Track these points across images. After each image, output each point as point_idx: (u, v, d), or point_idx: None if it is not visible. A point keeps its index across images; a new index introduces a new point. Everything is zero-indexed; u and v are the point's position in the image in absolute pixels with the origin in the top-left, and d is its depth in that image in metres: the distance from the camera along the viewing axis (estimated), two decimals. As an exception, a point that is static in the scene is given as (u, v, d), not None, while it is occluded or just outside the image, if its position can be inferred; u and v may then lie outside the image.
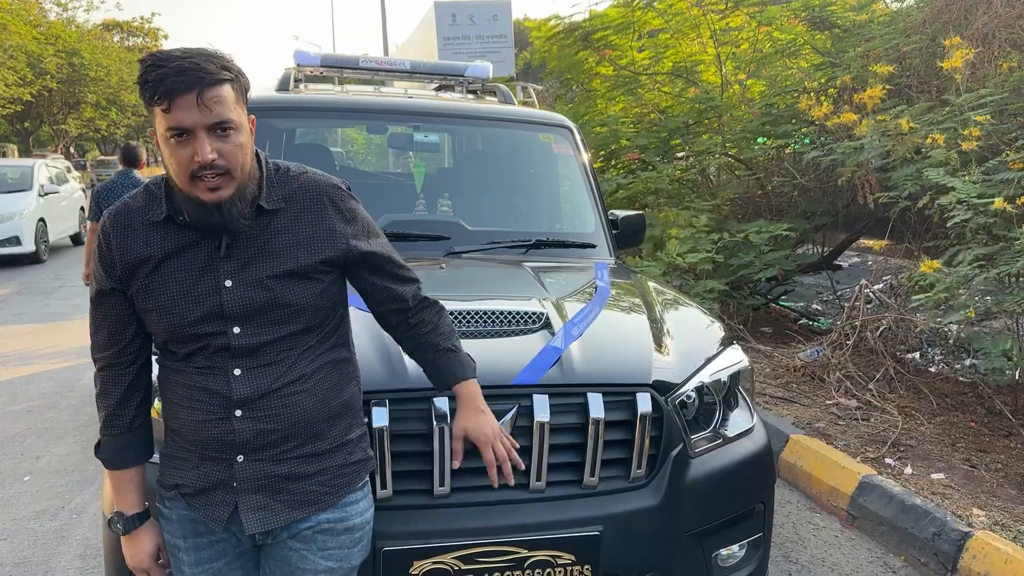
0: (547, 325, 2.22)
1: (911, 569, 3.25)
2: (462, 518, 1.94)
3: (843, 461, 3.82)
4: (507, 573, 1.94)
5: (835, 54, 6.53)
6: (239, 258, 1.51)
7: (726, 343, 2.48)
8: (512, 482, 1.76)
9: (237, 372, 1.53)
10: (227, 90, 1.41)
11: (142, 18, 55.13)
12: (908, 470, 3.83)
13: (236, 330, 1.52)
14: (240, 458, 1.55)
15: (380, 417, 1.91)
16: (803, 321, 7.25)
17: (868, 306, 5.61)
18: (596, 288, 2.68)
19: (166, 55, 1.39)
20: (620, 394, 2.07)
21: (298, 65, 4.03)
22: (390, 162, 4.43)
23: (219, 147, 1.41)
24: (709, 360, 2.32)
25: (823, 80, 6.52)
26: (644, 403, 2.06)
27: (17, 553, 3.28)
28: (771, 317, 7.42)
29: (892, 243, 6.35)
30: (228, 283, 1.50)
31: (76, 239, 14.55)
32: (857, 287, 5.56)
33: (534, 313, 2.27)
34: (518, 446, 1.80)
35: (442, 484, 1.94)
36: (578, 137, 3.61)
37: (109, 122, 44.42)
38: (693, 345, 2.36)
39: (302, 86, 3.93)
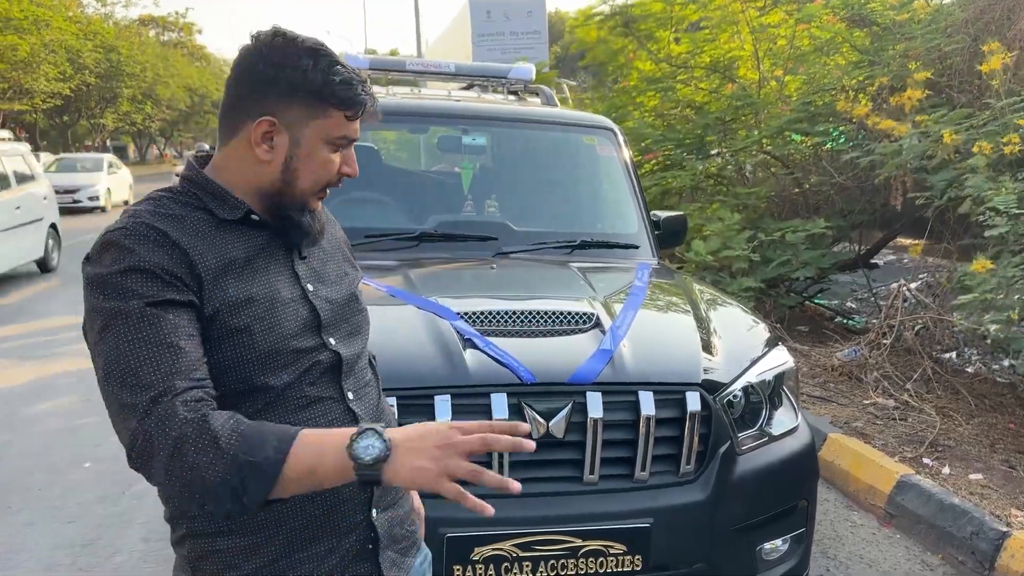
0: (597, 325, 2.32)
1: (948, 567, 3.30)
2: (520, 508, 2.04)
3: (881, 460, 3.87)
4: (561, 561, 2.04)
5: (874, 52, 6.52)
6: (311, 261, 1.37)
7: (771, 344, 2.56)
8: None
9: (351, 395, 1.33)
10: None
11: (177, 13, 55.93)
12: (946, 470, 3.87)
13: (332, 341, 1.31)
14: (375, 512, 1.33)
15: (443, 410, 2.01)
16: (838, 320, 7.25)
17: (905, 305, 5.62)
18: (641, 289, 2.76)
19: (336, 55, 1.27)
20: (670, 393, 2.16)
21: (347, 68, 4.15)
22: (433, 162, 4.54)
23: None
24: (755, 361, 2.40)
25: (862, 78, 6.51)
26: (693, 402, 2.14)
27: (84, 535, 3.45)
28: (807, 316, 7.43)
29: (930, 242, 6.35)
30: (310, 287, 1.33)
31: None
32: (895, 286, 5.58)
33: (585, 313, 2.36)
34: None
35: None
36: (620, 138, 3.69)
37: (144, 116, 45.21)
38: (740, 346, 2.44)
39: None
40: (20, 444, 4.52)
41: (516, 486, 1.15)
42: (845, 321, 7.16)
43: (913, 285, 6.07)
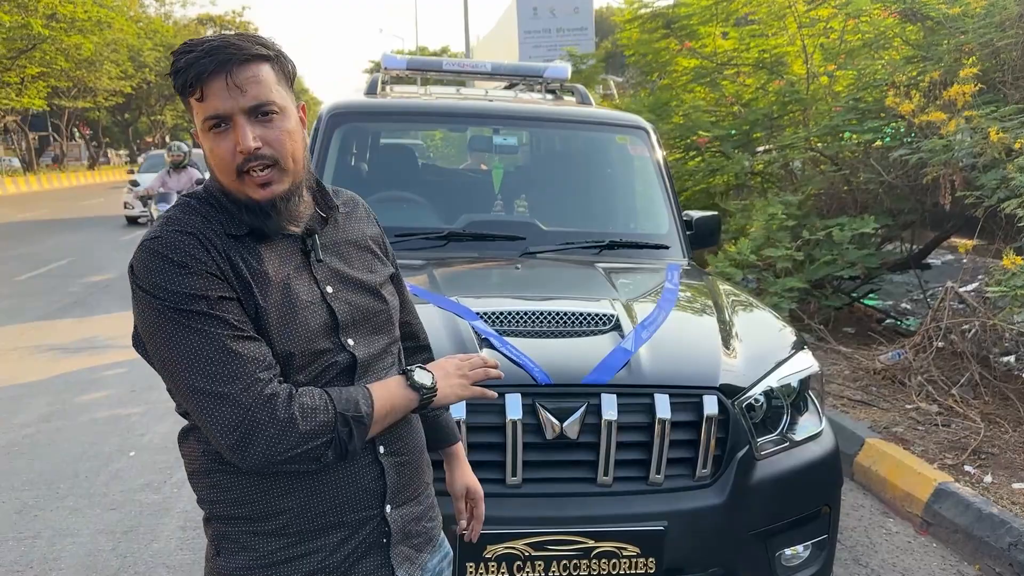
0: (617, 326, 2.31)
1: (986, 578, 3.21)
2: (533, 507, 2.06)
3: (919, 467, 3.78)
4: (574, 561, 2.05)
5: (926, 47, 6.34)
6: (329, 260, 1.36)
7: (796, 347, 2.52)
8: (475, 539, 1.74)
9: None
10: (265, 70, 1.24)
11: (233, 12, 57.09)
12: (988, 478, 3.76)
13: (351, 342, 1.34)
14: (389, 507, 1.38)
15: (458, 409, 2.03)
16: (889, 321, 7.07)
17: (958, 307, 5.46)
18: (667, 290, 2.75)
19: (196, 40, 1.23)
20: (687, 396, 2.15)
21: (385, 68, 4.21)
22: (467, 160, 4.58)
23: (262, 134, 1.23)
24: (778, 364, 2.37)
25: (914, 74, 6.34)
26: (711, 405, 2.13)
27: (125, 522, 3.57)
28: (855, 317, 7.26)
29: (983, 243, 6.15)
30: (329, 289, 1.34)
31: None
32: (944, 288, 5.43)
33: (605, 315, 2.36)
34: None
35: (514, 475, 2.06)
36: (654, 138, 3.67)
37: (202, 113, 46.33)
38: (762, 349, 2.41)
39: (389, 88, 4.11)
40: (69, 432, 4.70)
41: (498, 374, 1.49)
42: (897, 323, 6.99)
43: (972, 287, 5.90)
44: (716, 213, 3.75)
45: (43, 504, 3.76)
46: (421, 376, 1.35)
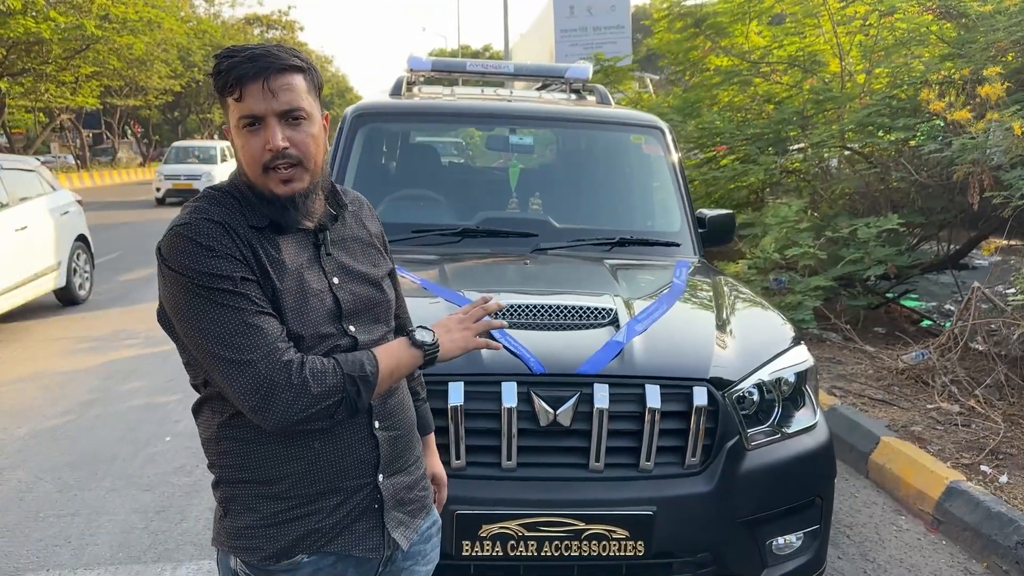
0: (615, 321, 2.40)
1: (992, 576, 3.23)
2: (526, 490, 2.16)
3: (932, 465, 3.79)
4: (565, 542, 2.15)
5: (960, 44, 6.28)
6: (337, 254, 1.51)
7: (793, 343, 2.58)
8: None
9: None
10: (298, 79, 1.39)
11: (279, 11, 58.00)
12: (1004, 478, 3.76)
13: (352, 328, 1.48)
14: (381, 476, 1.51)
15: (456, 396, 2.15)
16: (927, 323, 6.98)
17: (985, 307, 5.41)
18: (671, 285, 2.83)
19: (239, 47, 1.39)
20: (677, 387, 2.23)
21: (411, 70, 4.34)
22: (488, 159, 4.70)
23: (291, 136, 1.37)
24: (771, 359, 2.43)
25: (951, 72, 6.28)
26: (700, 397, 2.21)
27: (158, 502, 3.76)
28: (890, 317, 7.19)
29: (1020, 243, 6.07)
30: (336, 280, 1.48)
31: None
32: (971, 289, 5.38)
33: (604, 309, 2.45)
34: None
35: (509, 459, 2.17)
36: (669, 138, 3.74)
37: (249, 111, 47.19)
38: (755, 344, 2.48)
39: (416, 88, 4.24)
40: (109, 418, 4.93)
41: (501, 323, 1.65)
42: (932, 324, 6.90)
43: (999, 288, 5.83)
44: (731, 212, 3.80)
45: (83, 484, 3.98)
46: (422, 335, 1.48)
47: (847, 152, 7.59)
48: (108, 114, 39.26)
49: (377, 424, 1.50)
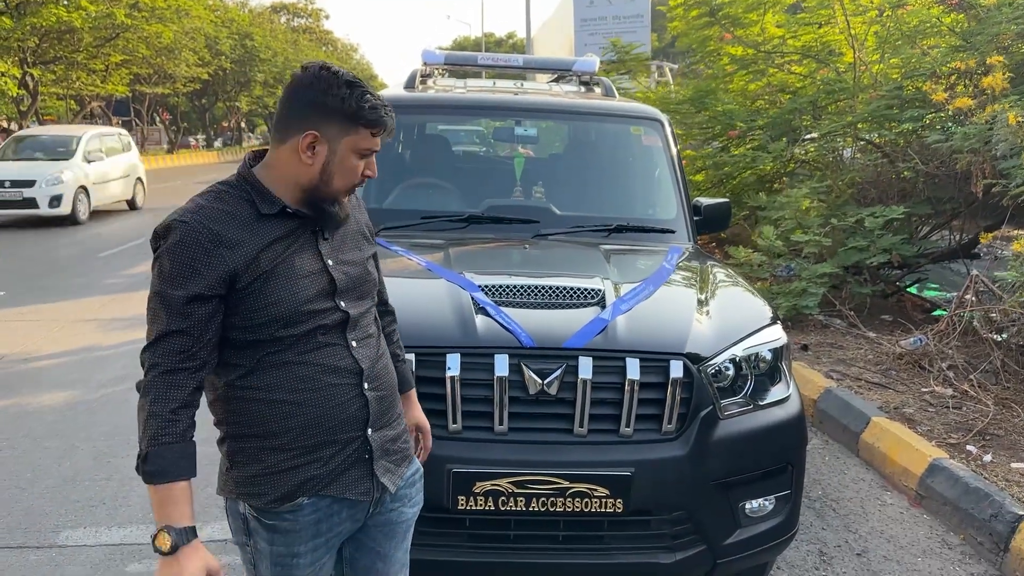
0: (602, 300, 2.61)
1: (967, 547, 3.41)
2: (516, 452, 2.38)
3: (917, 444, 3.96)
4: (551, 499, 2.37)
5: (968, 36, 6.36)
6: (332, 241, 1.74)
7: (770, 322, 2.77)
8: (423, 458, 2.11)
9: (355, 344, 1.72)
10: None
11: (306, 0, 58.42)
12: (988, 457, 3.92)
13: (342, 303, 1.70)
14: (370, 431, 1.73)
15: (453, 366, 2.37)
16: (939, 312, 7.08)
17: (983, 292, 5.53)
18: (662, 269, 3.03)
19: (367, 86, 1.64)
20: (656, 361, 2.44)
21: (425, 63, 4.55)
22: (495, 149, 4.91)
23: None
24: (746, 336, 2.63)
25: (959, 65, 6.36)
26: (676, 369, 2.41)
27: (186, 469, 4.03)
28: (900, 305, 7.30)
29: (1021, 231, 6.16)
30: (330, 262, 1.70)
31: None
32: (968, 277, 5.51)
33: (592, 289, 2.66)
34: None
35: (501, 424, 2.39)
36: (668, 129, 3.92)
37: (275, 99, 47.68)
38: (732, 323, 2.68)
39: (430, 81, 4.45)
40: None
41: None
42: (942, 313, 7.00)
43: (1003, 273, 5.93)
44: (726, 200, 3.98)
45: (116, 452, 4.27)
46: (161, 540, 1.60)
47: (861, 142, 7.69)
48: (137, 101, 39.90)
49: (367, 385, 1.72)
